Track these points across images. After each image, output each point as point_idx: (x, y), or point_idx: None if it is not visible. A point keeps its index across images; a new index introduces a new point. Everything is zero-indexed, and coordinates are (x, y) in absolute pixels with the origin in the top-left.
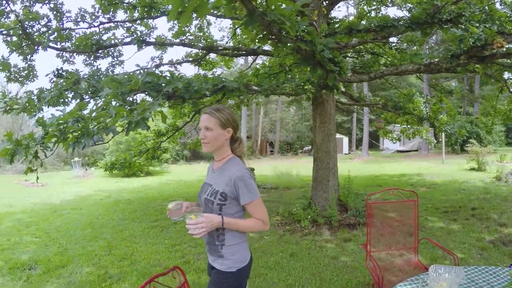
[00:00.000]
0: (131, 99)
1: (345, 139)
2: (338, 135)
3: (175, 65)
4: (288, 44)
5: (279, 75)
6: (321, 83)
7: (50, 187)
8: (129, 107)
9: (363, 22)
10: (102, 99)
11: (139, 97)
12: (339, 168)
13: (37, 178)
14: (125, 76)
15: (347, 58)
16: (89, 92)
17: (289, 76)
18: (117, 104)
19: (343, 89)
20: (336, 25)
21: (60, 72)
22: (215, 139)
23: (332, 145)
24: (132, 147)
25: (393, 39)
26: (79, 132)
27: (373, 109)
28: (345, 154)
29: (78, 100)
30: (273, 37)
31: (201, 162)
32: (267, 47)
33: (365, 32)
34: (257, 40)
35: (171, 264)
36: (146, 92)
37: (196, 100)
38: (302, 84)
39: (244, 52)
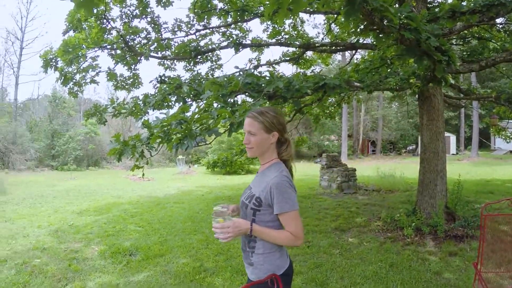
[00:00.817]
0: (231, 100)
1: (453, 138)
2: (445, 134)
3: (273, 65)
4: (391, 34)
5: (381, 69)
6: (428, 76)
7: (156, 182)
8: (230, 109)
9: (463, 3)
10: (204, 102)
11: (239, 98)
12: (447, 170)
13: (143, 174)
14: (225, 79)
15: (452, 45)
16: (191, 95)
17: (391, 69)
18: (219, 106)
19: (452, 81)
20: (436, 9)
21: (163, 78)
22: (259, 144)
23: (441, 145)
24: (234, 146)
25: (500, 20)
26: (182, 133)
27: (484, 103)
28: (453, 154)
29: (181, 103)
30: (374, 27)
31: (302, 161)
32: (365, 40)
33: (470, 14)
34: (357, 32)
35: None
36: (247, 93)
37: (297, 99)
38: (407, 77)
39: (342, 47)
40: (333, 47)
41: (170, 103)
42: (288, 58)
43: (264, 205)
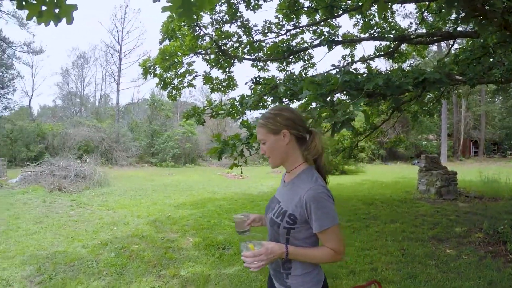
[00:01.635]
0: (330, 99)
1: None
2: None
3: (367, 61)
4: (494, 19)
5: (483, 59)
6: None
7: (250, 180)
8: (330, 108)
9: None
10: (302, 101)
11: (335, 97)
12: None
13: (241, 172)
14: (323, 77)
15: None
16: (288, 95)
17: (494, 59)
18: (318, 105)
19: None
20: None
21: (258, 79)
22: (272, 149)
23: None
24: (329, 146)
25: None
26: None
27: None
28: None
29: (277, 103)
30: (476, 13)
31: (398, 162)
32: (463, 28)
33: None
34: (457, 20)
35: (359, 267)
36: (345, 92)
37: (396, 96)
38: None
39: (439, 37)
40: (430, 38)
41: (265, 103)
42: (382, 53)
43: (300, 222)
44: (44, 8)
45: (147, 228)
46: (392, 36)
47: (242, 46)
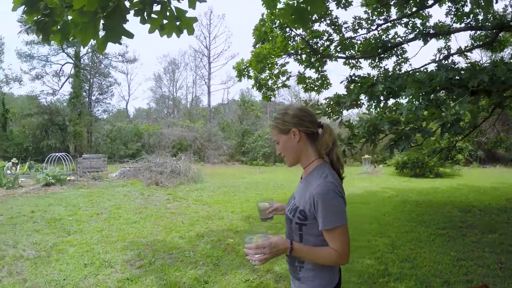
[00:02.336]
0: (433, 97)
1: None
2: None
3: (465, 53)
4: None
5: None
6: None
7: None
8: (436, 107)
9: None
10: (406, 101)
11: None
12: None
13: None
14: (425, 75)
15: None
16: (385, 94)
17: None
18: (422, 104)
19: None
20: None
21: (353, 78)
22: (286, 148)
23: None
24: (424, 146)
25: None
26: (397, 134)
27: None
28: None
29: (375, 103)
30: None
31: (498, 165)
32: None
33: None
34: None
35: (453, 278)
36: (447, 89)
37: (502, 92)
38: None
39: None
40: None
41: (359, 102)
42: (480, 43)
43: (310, 218)
44: (165, 21)
45: (241, 224)
46: (490, 24)
47: (335, 44)
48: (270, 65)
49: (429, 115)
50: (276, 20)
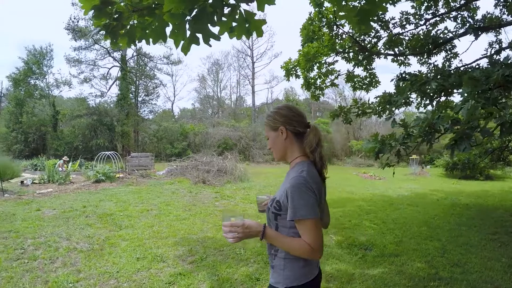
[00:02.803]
0: (490, 96)
1: None
2: None
3: None
4: None
5: None
6: None
7: (387, 181)
8: (494, 106)
9: None
10: (461, 100)
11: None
12: None
13: (393, 173)
14: (481, 72)
15: None
16: (438, 91)
17: None
18: (480, 103)
19: None
20: None
21: (403, 75)
22: (274, 144)
23: None
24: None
25: None
26: (457, 134)
27: None
28: None
29: (427, 101)
30: None
31: None
32: None
33: None
34: None
35: (505, 285)
36: (503, 87)
37: None
38: None
39: None
40: None
41: (407, 100)
42: None
43: (283, 209)
44: (234, 24)
45: None
46: None
47: (385, 41)
48: (318, 64)
49: (486, 114)
50: (323, 18)
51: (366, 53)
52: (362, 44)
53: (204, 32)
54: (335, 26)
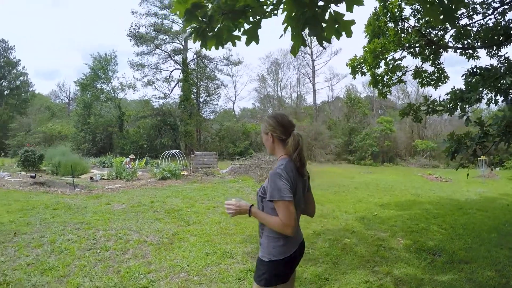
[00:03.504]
0: None
1: None
2: None
3: None
4: None
5: None
6: None
7: (453, 183)
8: None
9: None
10: None
11: None
12: None
13: (467, 175)
14: None
15: None
16: None
17: None
18: None
19: None
20: None
21: (475, 70)
22: (265, 143)
23: None
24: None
25: None
26: None
27: None
28: None
29: (500, 97)
30: None
31: None
32: None
33: None
34: None
35: None
36: None
37: None
38: None
39: None
40: None
41: (479, 97)
42: None
43: (266, 193)
44: (324, 25)
45: (356, 224)
46: None
47: (452, 33)
48: (385, 60)
49: None
50: (388, 13)
51: (433, 46)
52: (429, 37)
53: (318, 35)
54: (399, 20)
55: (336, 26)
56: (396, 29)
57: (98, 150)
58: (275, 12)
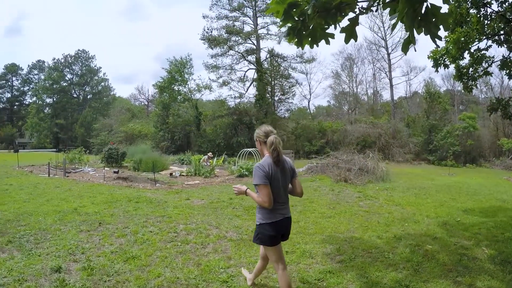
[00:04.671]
0: None
1: None
2: None
3: None
4: None
5: None
6: None
7: None
8: None
9: None
10: None
11: None
12: None
13: None
14: None
15: None
16: None
17: None
18: None
19: None
20: None
21: None
22: (257, 147)
23: None
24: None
25: None
26: None
27: None
28: None
29: None
30: None
31: None
32: None
33: None
34: None
35: None
36: None
37: None
38: None
39: None
40: None
41: None
42: None
43: None
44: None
45: (438, 230)
46: None
47: None
48: (470, 51)
49: None
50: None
51: None
52: None
53: (430, 32)
54: (481, 7)
55: (434, 20)
56: (478, 15)
57: (177, 148)
58: (372, 8)
